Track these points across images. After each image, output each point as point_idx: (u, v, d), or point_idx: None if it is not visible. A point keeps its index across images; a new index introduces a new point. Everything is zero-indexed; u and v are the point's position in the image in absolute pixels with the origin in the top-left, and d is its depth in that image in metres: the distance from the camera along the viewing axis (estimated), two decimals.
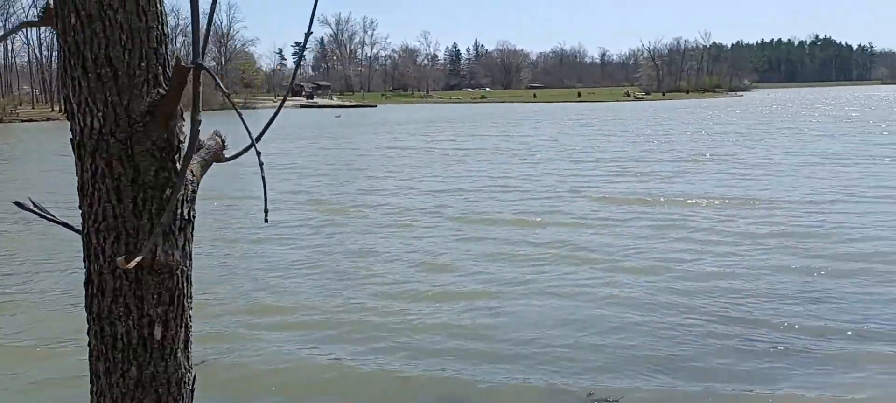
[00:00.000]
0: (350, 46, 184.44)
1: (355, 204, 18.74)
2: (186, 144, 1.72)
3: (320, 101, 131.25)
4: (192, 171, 1.79)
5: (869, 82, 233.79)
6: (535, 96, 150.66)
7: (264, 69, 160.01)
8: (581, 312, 9.37)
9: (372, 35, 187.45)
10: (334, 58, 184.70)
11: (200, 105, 1.64)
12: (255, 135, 1.85)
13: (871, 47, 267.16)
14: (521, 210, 17.17)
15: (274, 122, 1.89)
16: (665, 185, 20.87)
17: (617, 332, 8.59)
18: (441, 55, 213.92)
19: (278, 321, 9.38)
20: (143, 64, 1.63)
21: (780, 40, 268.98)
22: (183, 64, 1.59)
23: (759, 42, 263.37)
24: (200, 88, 1.63)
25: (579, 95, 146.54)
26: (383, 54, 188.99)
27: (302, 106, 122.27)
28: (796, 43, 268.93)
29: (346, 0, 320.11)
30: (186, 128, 1.75)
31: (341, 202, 19.12)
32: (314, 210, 17.90)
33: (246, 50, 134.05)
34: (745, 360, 7.71)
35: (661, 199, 18.10)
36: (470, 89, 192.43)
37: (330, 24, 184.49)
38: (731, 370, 7.51)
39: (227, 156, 1.93)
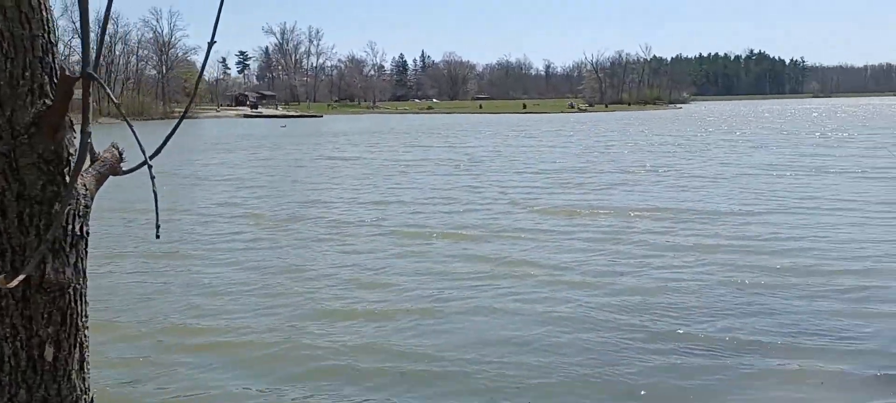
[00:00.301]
0: (295, 56, 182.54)
1: (293, 217, 18.41)
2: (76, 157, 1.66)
3: (264, 111, 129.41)
4: (85, 185, 1.74)
5: (801, 96, 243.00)
6: (481, 107, 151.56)
7: (207, 78, 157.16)
8: (521, 329, 9.30)
9: (318, 45, 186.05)
10: (279, 67, 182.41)
11: (90, 116, 1.59)
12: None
13: (803, 62, 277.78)
14: (463, 223, 17.16)
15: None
16: (605, 197, 21.18)
17: (555, 350, 8.57)
18: (387, 66, 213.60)
19: (201, 344, 8.91)
20: (26, 73, 1.58)
21: (717, 54, 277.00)
22: (68, 73, 1.53)
23: (698, 56, 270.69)
24: (90, 99, 1.58)
25: (524, 107, 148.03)
26: (329, 64, 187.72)
27: (246, 116, 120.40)
28: (732, 57, 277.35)
29: (292, 10, 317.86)
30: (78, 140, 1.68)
31: (279, 215, 18.77)
32: (249, 223, 17.49)
33: (188, 58, 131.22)
34: (682, 377, 7.73)
35: (602, 211, 18.34)
36: (417, 100, 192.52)
37: (275, 34, 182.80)
38: (668, 386, 7.57)
39: (123, 169, 1.87)
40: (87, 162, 1.75)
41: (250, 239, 15.47)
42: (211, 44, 1.86)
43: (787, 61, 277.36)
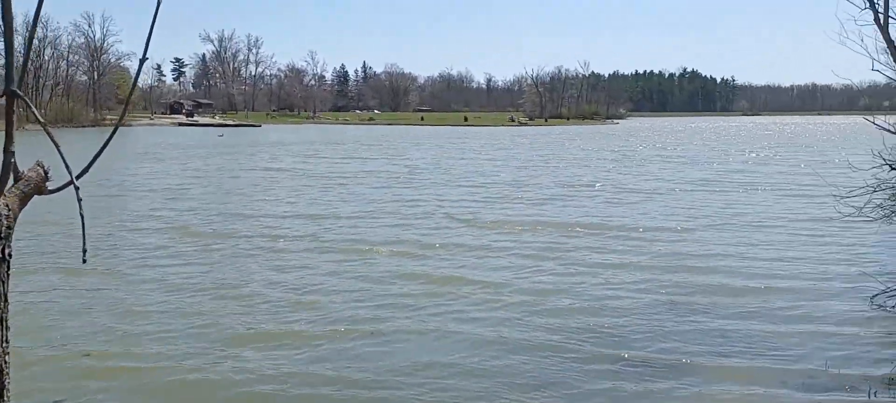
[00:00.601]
0: (234, 64, 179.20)
1: (225, 231, 17.82)
2: None
3: (201, 120, 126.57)
4: (7, 205, 1.69)
5: (731, 113, 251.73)
6: (422, 119, 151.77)
7: (141, 85, 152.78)
8: (460, 352, 9.06)
9: (257, 53, 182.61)
10: (217, 75, 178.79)
11: (13, 134, 1.57)
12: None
13: (733, 81, 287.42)
14: (401, 238, 16.92)
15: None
16: (544, 212, 21.25)
17: (495, 374, 8.34)
18: (329, 76, 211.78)
19: (124, 368, 8.43)
20: None
21: (652, 72, 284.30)
22: None
23: (634, 73, 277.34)
24: (14, 117, 1.57)
25: (466, 119, 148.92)
26: (269, 73, 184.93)
27: (181, 124, 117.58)
28: (667, 75, 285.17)
29: (231, 17, 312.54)
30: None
31: (210, 229, 18.11)
32: (179, 238, 16.80)
33: (121, 64, 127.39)
34: (619, 400, 7.74)
35: (540, 226, 18.36)
36: (358, 111, 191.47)
37: (212, 41, 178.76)
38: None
39: (49, 188, 1.83)
40: (11, 181, 1.72)
41: (179, 255, 14.86)
42: (143, 60, 1.85)
43: (719, 80, 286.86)
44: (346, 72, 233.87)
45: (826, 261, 14.31)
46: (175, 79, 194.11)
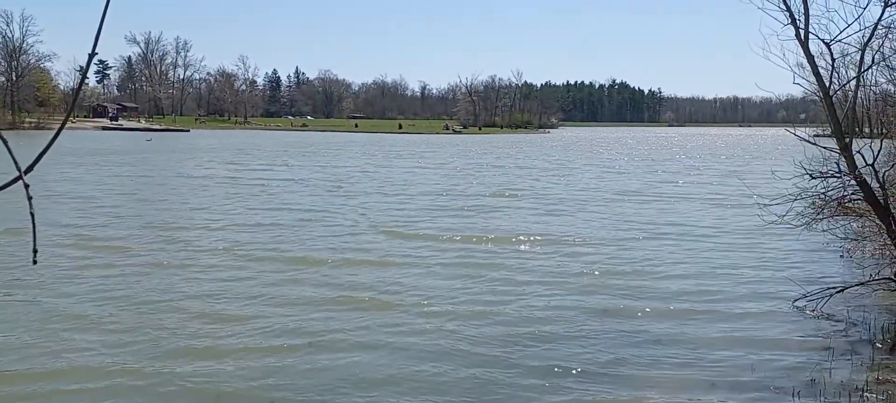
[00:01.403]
0: (161, 67, 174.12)
1: (147, 241, 17.07)
2: None
3: (126, 124, 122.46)
4: None
5: (657, 124, 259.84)
6: (356, 126, 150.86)
7: (63, 86, 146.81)
8: (392, 366, 8.82)
9: (185, 57, 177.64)
10: (143, 78, 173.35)
11: None
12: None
13: (660, 93, 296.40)
14: (324, 247, 16.58)
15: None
16: (476, 222, 21.19)
17: (427, 382, 8.28)
18: (260, 81, 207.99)
19: (39, 392, 7.95)
20: None
21: (582, 82, 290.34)
22: None
23: (565, 83, 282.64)
24: None
25: (400, 127, 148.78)
26: (198, 77, 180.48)
27: (105, 128, 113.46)
28: (597, 85, 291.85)
29: (158, 19, 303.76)
30: None
31: (131, 239, 17.31)
32: (90, 248, 15.98)
33: (41, 65, 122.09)
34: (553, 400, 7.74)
35: (473, 237, 18.30)
36: (291, 117, 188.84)
37: (139, 43, 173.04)
38: None
39: None
40: None
41: (99, 267, 14.16)
42: (91, 55, 1.82)
43: (646, 91, 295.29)
44: (278, 77, 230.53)
45: (751, 267, 14.77)
46: (98, 82, 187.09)
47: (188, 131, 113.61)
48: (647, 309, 11.47)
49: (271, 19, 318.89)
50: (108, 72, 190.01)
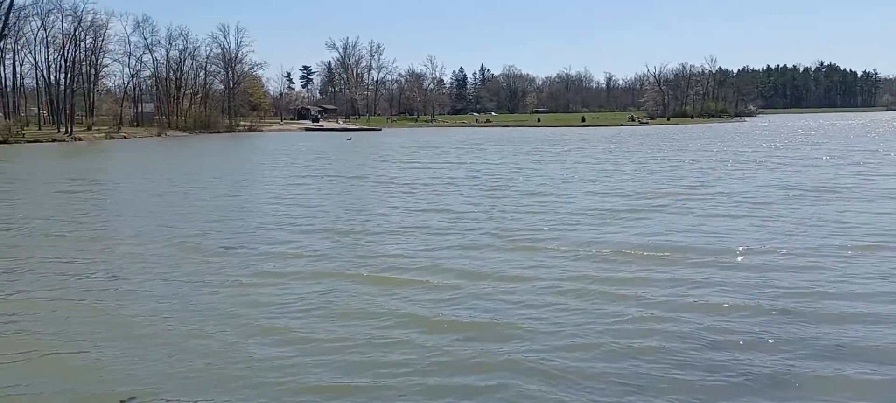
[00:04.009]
0: (357, 70, 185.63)
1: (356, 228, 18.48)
2: None
3: (325, 125, 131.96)
4: None
5: (873, 108, 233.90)
6: (539, 120, 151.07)
7: (272, 92, 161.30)
8: (589, 361, 9.23)
9: (378, 59, 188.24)
10: (341, 81, 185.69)
11: None
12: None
13: (876, 74, 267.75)
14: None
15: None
16: (648, 231, 18.56)
17: (616, 382, 8.48)
18: (447, 79, 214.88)
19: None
20: None
21: (785, 66, 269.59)
22: None
23: (765, 68, 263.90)
24: None
25: (583, 120, 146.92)
26: (390, 78, 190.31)
27: (307, 129, 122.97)
28: (801, 69, 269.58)
29: (354, 25, 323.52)
30: None
31: (347, 225, 18.90)
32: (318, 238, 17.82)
33: (254, 73, 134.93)
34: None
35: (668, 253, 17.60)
36: (475, 113, 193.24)
37: (337, 49, 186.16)
38: None
39: None
40: None
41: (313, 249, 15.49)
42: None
43: (860, 73, 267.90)
44: (465, 75, 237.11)
45: None
46: (303, 86, 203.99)
47: (380, 130, 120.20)
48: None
49: (458, 18, 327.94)
50: (311, 77, 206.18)
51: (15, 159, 52.78)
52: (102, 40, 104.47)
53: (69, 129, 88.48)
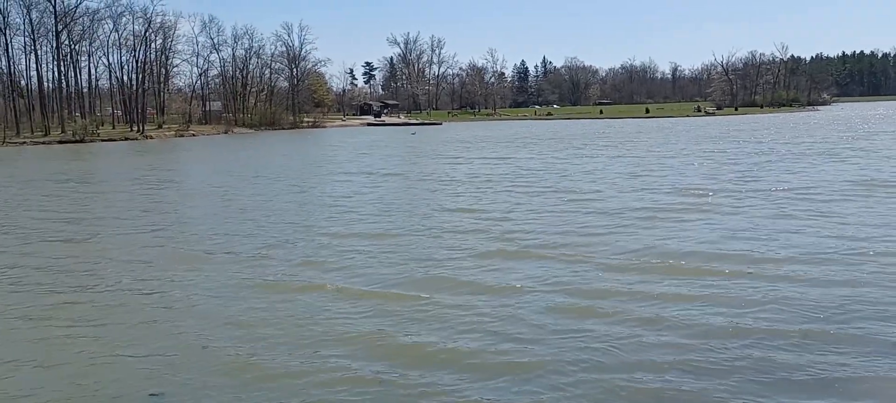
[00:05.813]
0: (418, 65, 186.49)
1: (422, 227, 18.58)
2: None
3: (387, 120, 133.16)
4: None
5: None
6: (601, 112, 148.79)
7: (335, 89, 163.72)
8: (670, 352, 9.02)
9: (439, 54, 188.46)
10: (403, 77, 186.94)
11: None
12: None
13: None
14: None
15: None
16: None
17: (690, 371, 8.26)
18: (509, 72, 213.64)
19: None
20: None
21: (862, 52, 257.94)
22: None
23: (841, 55, 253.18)
24: None
25: (647, 111, 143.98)
26: (451, 73, 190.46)
27: (369, 124, 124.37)
28: (880, 55, 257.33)
29: (415, 20, 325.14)
30: None
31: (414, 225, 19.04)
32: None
33: (317, 70, 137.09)
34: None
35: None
36: (537, 106, 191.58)
37: (399, 44, 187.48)
38: None
39: None
40: None
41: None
42: None
43: None
44: (526, 67, 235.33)
45: None
46: (366, 82, 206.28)
47: (441, 124, 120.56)
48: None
49: (519, 10, 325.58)
50: (373, 73, 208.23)
51: (87, 158, 55.02)
52: (171, 41, 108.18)
53: (141, 128, 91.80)
